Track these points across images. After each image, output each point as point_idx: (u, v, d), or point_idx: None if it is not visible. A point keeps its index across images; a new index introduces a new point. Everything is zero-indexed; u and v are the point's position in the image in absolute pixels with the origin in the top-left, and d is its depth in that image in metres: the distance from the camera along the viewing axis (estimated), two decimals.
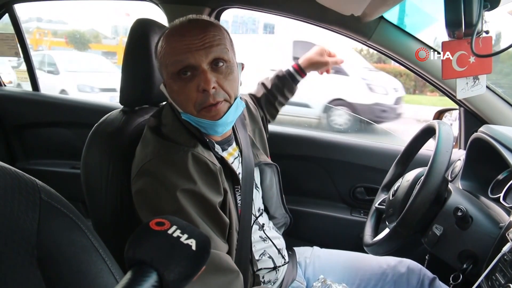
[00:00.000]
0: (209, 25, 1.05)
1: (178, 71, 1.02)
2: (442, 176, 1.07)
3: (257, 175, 1.32)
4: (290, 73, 1.60)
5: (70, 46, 12.96)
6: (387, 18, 1.58)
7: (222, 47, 1.04)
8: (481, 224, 1.06)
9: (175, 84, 1.05)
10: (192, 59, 1.01)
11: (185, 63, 1.01)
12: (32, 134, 2.44)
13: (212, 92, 1.01)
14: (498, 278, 0.89)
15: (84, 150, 1.17)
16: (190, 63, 1.01)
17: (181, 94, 1.05)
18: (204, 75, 1.01)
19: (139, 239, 0.56)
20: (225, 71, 1.05)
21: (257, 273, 1.22)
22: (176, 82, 1.04)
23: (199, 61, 1.01)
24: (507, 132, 1.24)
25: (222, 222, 1.03)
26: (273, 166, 1.36)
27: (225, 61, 1.05)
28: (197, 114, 1.05)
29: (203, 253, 0.58)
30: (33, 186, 0.64)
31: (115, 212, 1.14)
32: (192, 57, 1.01)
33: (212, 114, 1.04)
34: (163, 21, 1.79)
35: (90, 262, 0.69)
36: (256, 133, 1.42)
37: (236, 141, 1.25)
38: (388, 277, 1.34)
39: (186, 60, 1.01)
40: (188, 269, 0.56)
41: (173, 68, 1.03)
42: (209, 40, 1.02)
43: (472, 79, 1.03)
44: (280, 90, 1.60)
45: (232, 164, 1.15)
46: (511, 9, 0.99)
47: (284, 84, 1.60)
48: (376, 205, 1.42)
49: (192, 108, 1.04)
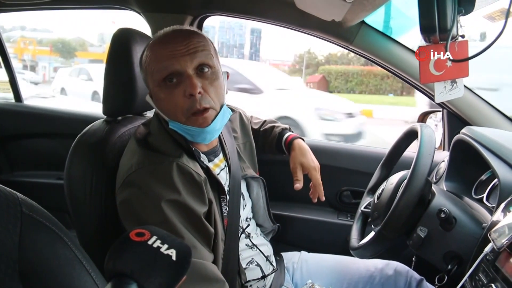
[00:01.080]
0: (192, 33, 1.07)
1: (164, 78, 1.03)
2: (424, 178, 1.08)
3: (244, 187, 1.32)
4: (280, 136, 1.49)
5: (55, 54, 12.88)
6: (368, 23, 1.60)
7: (207, 53, 1.05)
8: (465, 225, 1.08)
9: (161, 92, 1.05)
10: (178, 65, 1.01)
11: (170, 69, 1.01)
12: (16, 145, 2.41)
13: (198, 98, 1.02)
14: (481, 278, 0.90)
15: (67, 162, 1.16)
16: (175, 69, 1.01)
17: (168, 101, 1.05)
18: (190, 80, 1.01)
19: (119, 250, 0.56)
20: (210, 77, 1.05)
21: (245, 285, 1.22)
22: (162, 90, 1.04)
23: (184, 67, 1.01)
24: (488, 134, 1.26)
25: (207, 232, 1.03)
26: (259, 180, 1.36)
27: (210, 66, 1.05)
28: (185, 121, 1.05)
29: (183, 263, 0.58)
30: (13, 200, 0.64)
31: (100, 223, 1.13)
32: (177, 63, 1.01)
33: (200, 122, 1.04)
34: (147, 29, 1.79)
35: (74, 274, 0.68)
36: (246, 147, 1.41)
37: (224, 152, 1.24)
38: (376, 280, 1.34)
39: (171, 66, 1.01)
40: (168, 280, 0.56)
41: (159, 75, 1.03)
42: (194, 46, 1.03)
43: (450, 83, 1.04)
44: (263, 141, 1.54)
45: (218, 176, 1.14)
46: (487, 13, 1.00)
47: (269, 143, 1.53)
48: (362, 209, 1.43)
49: (181, 115, 1.04)
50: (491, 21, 0.99)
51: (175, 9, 1.79)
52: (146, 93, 1.22)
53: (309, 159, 1.39)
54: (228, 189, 1.19)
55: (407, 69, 1.59)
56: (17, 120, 2.37)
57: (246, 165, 1.34)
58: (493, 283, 0.85)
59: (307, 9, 1.45)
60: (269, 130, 1.53)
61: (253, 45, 37.80)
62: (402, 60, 1.59)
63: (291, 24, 1.71)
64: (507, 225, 0.86)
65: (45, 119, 2.33)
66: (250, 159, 1.40)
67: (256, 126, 1.56)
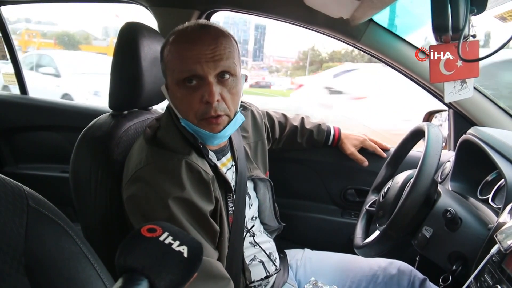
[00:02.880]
0: (220, 35, 1.04)
1: (184, 78, 1.02)
2: (431, 178, 1.08)
3: (251, 186, 1.32)
4: (328, 133, 1.69)
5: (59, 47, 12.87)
6: (376, 21, 1.59)
7: (231, 61, 1.04)
8: (470, 225, 1.07)
9: (178, 91, 1.04)
10: (201, 70, 1.00)
11: (192, 72, 1.01)
12: (21, 138, 2.42)
13: (214, 105, 1.01)
14: (486, 279, 0.89)
15: (73, 155, 1.16)
16: (197, 73, 1.00)
17: (184, 102, 1.04)
18: (209, 87, 1.00)
19: (130, 245, 0.56)
20: (230, 84, 1.05)
21: (250, 285, 1.22)
22: (180, 89, 1.04)
23: (207, 73, 1.00)
24: (495, 134, 1.26)
25: (212, 229, 1.03)
26: (267, 181, 1.36)
27: (231, 74, 1.04)
28: (197, 123, 1.05)
29: (195, 260, 0.58)
30: (20, 193, 0.64)
31: (104, 217, 1.14)
32: (200, 68, 1.00)
33: (212, 126, 1.04)
34: (153, 23, 1.78)
35: (79, 268, 0.68)
36: (258, 146, 1.41)
37: (232, 152, 1.24)
38: (379, 278, 1.34)
39: (194, 70, 1.00)
40: (179, 277, 0.56)
41: (180, 75, 1.02)
42: (220, 53, 1.01)
43: (459, 83, 1.04)
44: (308, 140, 1.68)
45: (225, 174, 1.14)
46: (498, 13, 0.99)
47: (315, 137, 1.69)
48: (367, 207, 1.43)
49: (193, 117, 1.04)
50: (503, 21, 0.99)
51: (183, 3, 1.79)
52: (153, 87, 1.22)
53: (355, 139, 1.70)
54: (234, 188, 1.19)
55: (415, 69, 1.58)
56: (22, 112, 2.37)
57: (253, 165, 1.34)
58: (499, 284, 0.84)
59: (315, 6, 1.44)
60: (310, 128, 1.68)
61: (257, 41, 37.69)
62: (410, 59, 1.58)
63: (299, 21, 1.70)
64: None
65: (50, 112, 2.33)
66: (261, 159, 1.40)
67: (295, 123, 1.67)
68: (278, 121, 1.61)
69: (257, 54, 32.41)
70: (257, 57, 31.68)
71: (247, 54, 34.25)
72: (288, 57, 29.77)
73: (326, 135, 1.68)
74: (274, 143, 1.62)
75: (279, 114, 1.64)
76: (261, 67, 27.32)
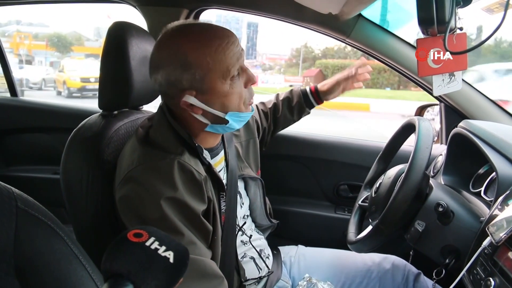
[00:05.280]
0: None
1: (237, 73, 1.07)
2: (422, 172, 1.08)
3: (241, 185, 1.32)
4: (304, 93, 1.61)
5: (51, 49, 12.80)
6: (366, 16, 1.59)
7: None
8: (463, 219, 1.08)
9: (224, 86, 1.05)
10: (242, 60, 1.08)
11: (240, 64, 1.07)
12: (11, 140, 2.40)
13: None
14: (479, 272, 0.90)
15: (63, 156, 1.15)
16: (241, 64, 1.08)
17: (235, 94, 1.07)
18: (248, 72, 1.10)
19: (116, 250, 0.55)
20: None
21: (243, 283, 1.22)
22: (232, 84, 1.06)
23: (243, 62, 1.09)
24: (485, 127, 1.26)
25: (205, 229, 1.03)
26: (258, 180, 1.36)
27: None
28: (245, 109, 1.11)
29: (181, 266, 0.58)
30: (9, 195, 0.63)
31: (95, 218, 1.13)
32: (242, 59, 1.08)
33: (251, 107, 1.14)
34: (143, 23, 1.77)
35: (70, 269, 0.68)
36: (249, 144, 1.41)
37: (224, 151, 1.24)
38: (373, 274, 1.34)
39: (241, 61, 1.08)
40: (165, 282, 0.55)
41: (233, 71, 1.05)
42: (239, 43, 1.08)
43: (448, 76, 1.04)
44: (289, 107, 1.63)
45: (218, 174, 1.14)
46: (485, 5, 0.99)
47: (294, 102, 1.61)
48: (359, 203, 1.43)
49: (242, 106, 1.10)
50: (490, 13, 0.98)
51: (171, 2, 1.78)
52: (142, 87, 1.21)
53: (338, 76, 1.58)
54: (226, 187, 1.18)
55: (405, 62, 1.58)
56: (12, 114, 2.35)
57: (244, 164, 1.34)
58: (491, 277, 0.85)
59: (304, 2, 1.44)
60: (288, 93, 1.64)
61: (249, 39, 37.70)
62: (400, 53, 1.59)
63: (288, 17, 1.70)
64: (505, 219, 0.86)
65: (40, 114, 2.31)
66: (253, 158, 1.40)
67: (272, 101, 1.63)
68: (260, 109, 1.60)
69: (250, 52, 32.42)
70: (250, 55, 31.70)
71: None
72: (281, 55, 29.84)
73: (303, 94, 1.61)
74: (266, 134, 1.61)
75: (259, 103, 1.64)
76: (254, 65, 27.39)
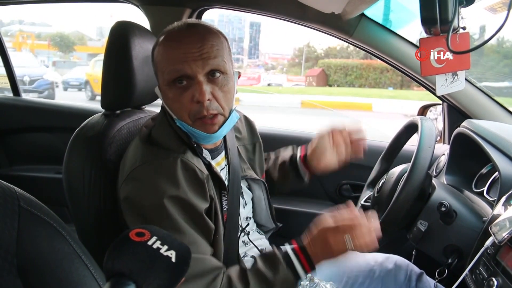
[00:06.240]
0: (207, 33, 1.03)
1: (174, 79, 1.01)
2: (425, 172, 1.08)
3: (245, 186, 1.31)
4: (293, 163, 1.41)
5: (53, 48, 12.83)
6: (368, 16, 1.58)
7: (220, 59, 1.02)
8: (465, 218, 1.07)
9: (170, 92, 1.03)
10: (189, 69, 0.99)
11: (181, 72, 0.99)
12: (14, 139, 2.41)
13: (206, 104, 1.00)
14: (481, 272, 0.90)
15: (66, 156, 1.16)
16: (186, 73, 0.99)
17: (176, 102, 1.03)
18: (199, 86, 0.99)
19: (118, 250, 0.56)
20: (221, 82, 1.03)
21: None
22: (171, 90, 1.03)
23: (196, 72, 0.99)
24: (488, 127, 1.26)
25: (207, 228, 1.03)
26: (261, 182, 1.35)
27: (222, 72, 1.03)
28: (192, 124, 1.04)
29: (182, 266, 0.58)
30: (11, 194, 0.63)
31: (98, 217, 1.13)
32: (188, 68, 0.99)
33: (208, 127, 1.03)
34: (145, 23, 1.77)
35: (72, 269, 0.68)
36: (255, 148, 1.39)
37: (225, 151, 1.24)
38: (376, 273, 1.34)
39: (182, 70, 0.99)
40: (167, 282, 0.56)
41: (169, 77, 1.01)
42: (207, 51, 1.00)
43: (451, 75, 1.04)
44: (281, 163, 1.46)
45: (219, 173, 1.14)
46: (488, 5, 0.99)
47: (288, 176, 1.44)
48: (362, 202, 1.43)
49: (187, 118, 1.03)
50: (493, 12, 0.98)
51: (173, 2, 1.78)
52: (145, 86, 1.21)
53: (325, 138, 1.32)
54: (228, 186, 1.18)
55: (408, 62, 1.58)
56: (15, 114, 2.36)
57: (247, 166, 1.32)
58: (494, 276, 0.84)
59: (306, 2, 1.44)
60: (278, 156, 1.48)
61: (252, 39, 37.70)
62: (403, 53, 1.58)
63: (291, 16, 1.70)
64: (508, 219, 0.86)
65: (43, 113, 2.32)
66: (258, 161, 1.38)
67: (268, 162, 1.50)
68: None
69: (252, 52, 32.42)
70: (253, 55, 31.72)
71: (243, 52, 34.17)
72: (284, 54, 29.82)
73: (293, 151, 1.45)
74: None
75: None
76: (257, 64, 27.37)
